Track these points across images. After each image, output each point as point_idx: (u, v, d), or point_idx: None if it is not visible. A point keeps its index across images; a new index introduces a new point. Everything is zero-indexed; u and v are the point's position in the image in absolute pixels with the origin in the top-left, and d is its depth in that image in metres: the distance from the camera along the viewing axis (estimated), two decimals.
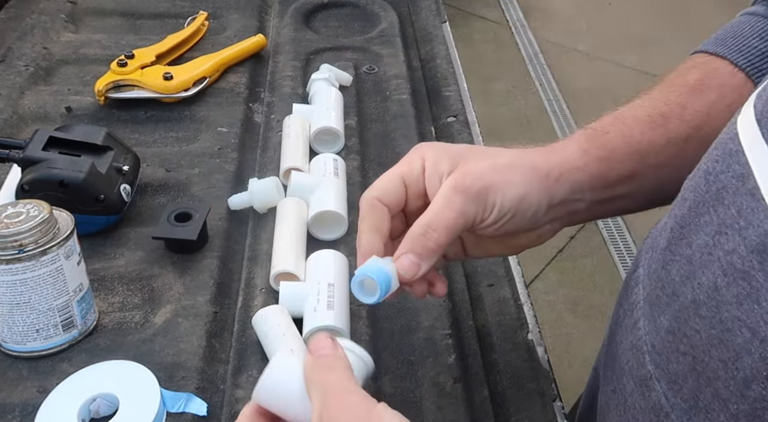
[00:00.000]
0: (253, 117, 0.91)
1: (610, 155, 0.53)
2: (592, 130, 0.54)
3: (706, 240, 0.40)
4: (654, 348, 0.44)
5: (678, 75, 0.57)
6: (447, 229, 0.49)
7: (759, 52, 0.55)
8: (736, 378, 0.36)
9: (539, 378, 0.61)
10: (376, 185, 0.52)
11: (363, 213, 0.51)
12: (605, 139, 0.53)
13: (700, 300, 0.39)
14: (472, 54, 3.19)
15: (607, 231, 2.36)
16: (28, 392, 0.57)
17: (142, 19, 1.08)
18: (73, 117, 0.86)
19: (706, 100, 0.54)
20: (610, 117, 0.55)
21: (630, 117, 0.54)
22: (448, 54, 1.04)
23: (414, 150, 0.53)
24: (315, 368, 0.42)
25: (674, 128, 0.53)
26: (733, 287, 0.37)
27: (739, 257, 0.37)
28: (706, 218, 0.40)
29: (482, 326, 0.66)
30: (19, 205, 0.56)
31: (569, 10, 3.64)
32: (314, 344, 0.43)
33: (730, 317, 0.37)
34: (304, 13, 1.12)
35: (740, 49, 0.55)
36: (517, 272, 0.72)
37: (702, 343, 0.39)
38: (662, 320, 0.43)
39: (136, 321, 0.63)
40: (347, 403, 0.38)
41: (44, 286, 0.56)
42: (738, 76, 0.54)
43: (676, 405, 0.41)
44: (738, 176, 0.38)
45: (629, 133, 0.53)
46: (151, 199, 0.76)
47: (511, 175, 0.50)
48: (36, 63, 0.94)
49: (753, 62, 0.54)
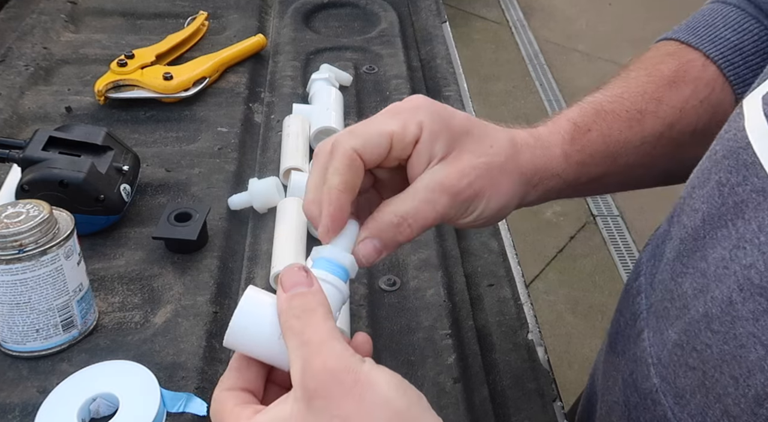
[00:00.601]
0: (253, 117, 0.91)
1: (587, 160, 0.52)
2: (577, 126, 0.53)
3: (722, 254, 0.39)
4: (660, 361, 0.43)
5: (655, 62, 0.56)
6: (422, 227, 0.46)
7: (731, 44, 0.54)
8: (747, 395, 0.36)
9: (539, 378, 0.61)
10: (360, 134, 0.46)
11: (339, 165, 0.45)
12: (587, 140, 0.52)
13: (712, 314, 0.38)
14: (472, 54, 3.19)
15: (607, 232, 2.36)
16: (28, 392, 0.57)
17: (142, 19, 1.08)
18: (73, 117, 0.86)
19: (681, 96, 0.54)
20: (592, 109, 0.54)
21: (611, 113, 0.53)
22: (448, 54, 1.04)
23: (412, 109, 0.47)
24: (290, 311, 0.38)
25: (649, 126, 0.53)
26: (750, 302, 0.36)
27: (757, 272, 0.36)
28: (723, 232, 0.39)
29: (482, 326, 0.66)
30: (19, 205, 0.56)
31: (569, 10, 3.64)
32: (287, 279, 0.40)
33: (745, 333, 0.36)
34: (304, 13, 1.12)
35: (713, 40, 0.55)
36: (517, 272, 0.72)
37: (713, 359, 0.38)
38: (670, 333, 0.42)
39: (136, 321, 0.63)
40: (332, 363, 0.36)
41: (44, 286, 0.56)
42: (710, 69, 0.54)
43: (683, 420, 0.40)
44: (759, 190, 0.37)
45: (608, 132, 0.53)
46: (151, 199, 0.76)
47: (500, 182, 0.48)
48: (36, 63, 0.94)
49: (725, 55, 0.54)
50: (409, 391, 0.37)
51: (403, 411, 0.35)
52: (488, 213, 0.49)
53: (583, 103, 0.55)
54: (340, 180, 0.44)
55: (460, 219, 0.48)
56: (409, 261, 0.71)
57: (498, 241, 0.75)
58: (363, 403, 0.35)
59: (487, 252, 0.74)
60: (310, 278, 0.40)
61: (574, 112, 0.54)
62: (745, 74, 0.54)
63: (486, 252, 0.74)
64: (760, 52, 0.54)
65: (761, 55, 0.54)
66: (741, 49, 0.54)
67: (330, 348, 0.36)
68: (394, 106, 0.48)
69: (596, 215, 2.43)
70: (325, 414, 0.35)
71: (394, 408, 0.35)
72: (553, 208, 2.41)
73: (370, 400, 0.35)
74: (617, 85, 0.55)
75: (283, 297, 0.39)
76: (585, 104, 0.54)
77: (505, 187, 0.49)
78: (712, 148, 0.44)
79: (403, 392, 0.36)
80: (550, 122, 0.54)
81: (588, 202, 2.48)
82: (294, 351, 0.37)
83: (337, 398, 0.35)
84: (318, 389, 0.35)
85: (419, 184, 0.46)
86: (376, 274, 0.70)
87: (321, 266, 0.44)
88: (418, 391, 0.37)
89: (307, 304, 0.38)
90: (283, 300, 0.39)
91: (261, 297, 0.41)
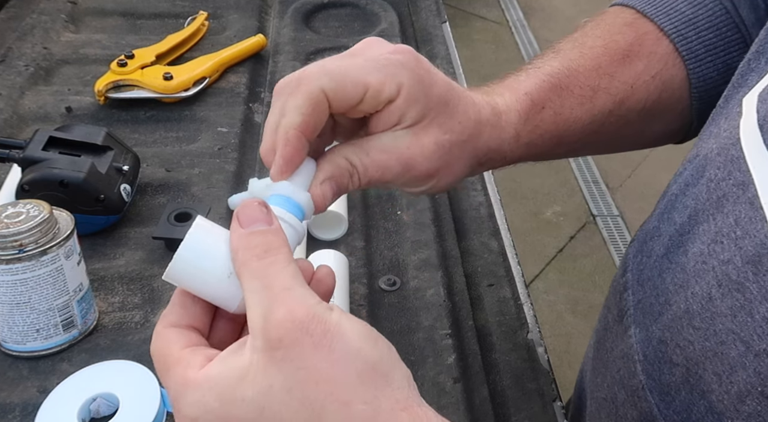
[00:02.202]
0: (253, 117, 0.91)
1: (536, 140, 0.51)
2: (533, 103, 0.51)
3: (701, 249, 0.39)
4: (646, 358, 0.43)
5: (613, 32, 0.55)
6: (368, 184, 0.44)
7: (686, 18, 0.54)
8: (731, 392, 0.36)
9: (539, 378, 0.61)
10: (333, 76, 0.42)
11: (302, 103, 0.41)
12: (540, 119, 0.51)
13: (693, 310, 0.38)
14: (472, 54, 3.19)
15: (607, 232, 2.36)
16: (28, 392, 0.57)
17: (142, 19, 1.08)
18: (73, 117, 0.86)
19: (634, 71, 0.53)
20: (549, 84, 0.52)
21: (565, 89, 0.52)
22: (448, 54, 1.04)
23: (396, 65, 0.43)
24: (248, 249, 0.35)
25: (600, 103, 0.52)
26: (728, 298, 0.36)
27: (734, 267, 0.36)
28: (704, 226, 0.39)
29: (482, 326, 0.66)
30: (19, 205, 0.56)
31: (569, 10, 3.64)
32: (245, 214, 0.36)
33: (725, 329, 0.36)
34: (304, 13, 1.12)
35: (668, 12, 0.54)
36: (517, 272, 0.72)
37: (696, 355, 0.38)
38: (654, 329, 0.42)
39: (136, 321, 0.63)
40: (298, 312, 0.32)
41: (44, 286, 0.56)
42: (664, 44, 0.54)
43: (669, 416, 0.40)
44: (739, 184, 0.37)
45: (560, 110, 0.51)
46: (151, 199, 0.76)
47: (455, 162, 0.47)
48: (36, 63, 0.94)
49: (679, 30, 0.53)
50: (380, 342, 0.34)
51: (375, 362, 0.33)
52: (435, 189, 0.48)
53: (541, 74, 0.52)
54: (302, 120, 0.41)
55: (405, 188, 0.48)
56: (409, 261, 0.71)
57: (498, 241, 0.75)
58: (332, 354, 0.32)
59: (487, 252, 0.74)
60: (270, 215, 0.36)
61: (532, 84, 0.51)
62: (697, 49, 0.53)
63: (486, 252, 0.74)
64: (713, 27, 0.53)
65: (714, 31, 0.53)
66: (695, 24, 0.53)
67: (295, 295, 0.33)
68: (379, 52, 0.45)
69: (596, 215, 2.43)
70: (289, 366, 0.32)
71: (365, 360, 0.32)
72: (553, 208, 2.41)
73: (341, 351, 0.32)
74: (574, 54, 0.54)
75: (239, 233, 0.35)
76: (543, 75, 0.52)
77: (458, 166, 0.48)
78: (709, 146, 0.43)
79: (374, 343, 0.33)
80: (509, 92, 0.51)
81: (588, 201, 2.48)
82: (253, 295, 0.33)
83: (304, 349, 0.32)
84: (283, 339, 0.32)
85: (377, 144, 0.44)
86: (376, 274, 0.70)
87: (277, 203, 0.40)
88: (388, 342, 0.35)
89: (269, 244, 0.35)
90: (240, 236, 0.35)
91: (213, 229, 0.37)
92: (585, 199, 2.49)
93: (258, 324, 0.33)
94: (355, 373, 0.32)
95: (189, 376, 0.34)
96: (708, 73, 0.54)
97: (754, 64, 0.44)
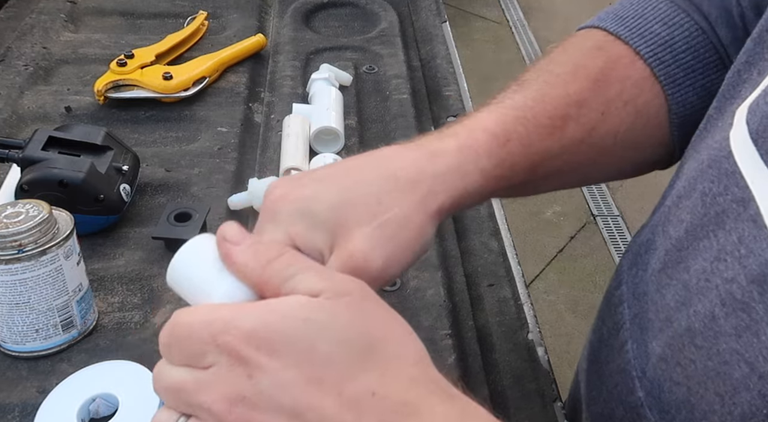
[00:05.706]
0: (253, 117, 0.91)
1: (507, 173, 0.48)
2: (495, 137, 0.47)
3: (704, 266, 0.38)
4: (645, 375, 0.42)
5: (583, 56, 0.52)
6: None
7: (662, 40, 0.51)
8: (734, 413, 0.35)
9: (539, 378, 0.61)
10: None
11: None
12: (505, 152, 0.47)
13: (695, 328, 0.38)
14: (472, 54, 3.18)
15: (607, 232, 2.36)
16: (27, 392, 0.56)
17: (142, 19, 1.08)
18: (72, 117, 0.86)
19: (605, 97, 0.50)
20: (512, 117, 0.49)
21: (531, 119, 0.48)
22: (448, 54, 1.04)
23: (275, 219, 0.43)
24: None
25: (570, 132, 0.49)
26: (732, 318, 0.35)
27: (738, 287, 0.35)
28: (705, 243, 0.38)
29: (482, 326, 0.66)
30: (18, 205, 0.56)
31: (569, 10, 3.63)
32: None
33: (728, 349, 0.35)
34: (304, 13, 1.12)
35: (642, 34, 0.51)
36: (517, 272, 0.72)
37: (697, 374, 0.37)
38: (654, 345, 0.42)
39: (136, 321, 0.63)
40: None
41: (44, 286, 0.56)
42: (638, 66, 0.51)
43: None
44: (738, 200, 0.37)
45: (528, 141, 0.48)
46: (151, 199, 0.76)
47: (406, 236, 0.43)
48: (36, 63, 0.94)
49: (656, 52, 0.51)
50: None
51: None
52: (408, 265, 0.44)
53: (502, 108, 0.49)
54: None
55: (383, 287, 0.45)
56: None
57: (498, 241, 0.75)
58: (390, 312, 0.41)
59: (487, 252, 0.73)
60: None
61: (492, 120, 0.48)
62: (675, 73, 0.51)
63: (486, 252, 0.73)
64: (691, 49, 0.51)
65: (692, 53, 0.51)
66: (672, 46, 0.51)
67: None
68: (264, 212, 0.44)
69: (596, 215, 2.43)
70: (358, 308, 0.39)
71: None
72: (553, 207, 2.41)
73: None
74: (539, 84, 0.51)
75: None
76: (505, 109, 0.49)
77: (413, 235, 0.43)
78: (699, 158, 0.43)
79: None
80: (465, 133, 0.48)
81: (588, 201, 2.48)
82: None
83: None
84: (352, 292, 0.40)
85: (331, 264, 0.43)
86: None
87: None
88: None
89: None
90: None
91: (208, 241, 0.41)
92: (585, 199, 2.49)
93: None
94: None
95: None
96: (688, 98, 0.51)
97: (745, 74, 0.43)
